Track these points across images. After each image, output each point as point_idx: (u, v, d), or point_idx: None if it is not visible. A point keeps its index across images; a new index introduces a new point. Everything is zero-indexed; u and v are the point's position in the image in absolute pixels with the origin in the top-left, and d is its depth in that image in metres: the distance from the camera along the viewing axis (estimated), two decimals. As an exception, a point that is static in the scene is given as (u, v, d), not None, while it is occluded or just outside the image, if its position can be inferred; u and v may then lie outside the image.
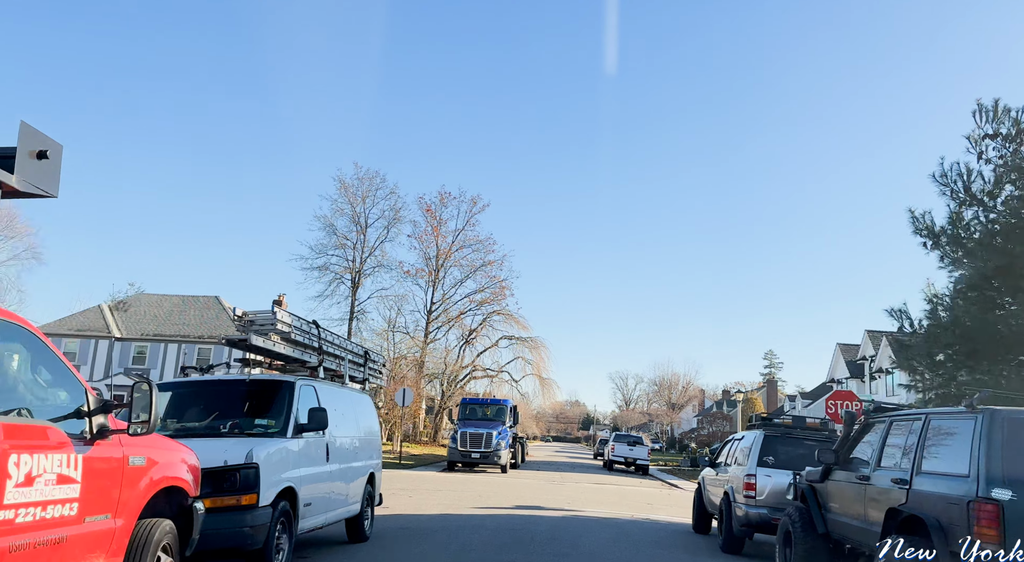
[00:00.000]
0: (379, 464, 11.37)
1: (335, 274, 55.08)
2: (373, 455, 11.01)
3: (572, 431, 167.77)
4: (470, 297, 56.90)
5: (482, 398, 34.39)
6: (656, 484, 31.19)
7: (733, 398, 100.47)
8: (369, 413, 11.32)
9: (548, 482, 25.97)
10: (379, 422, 11.75)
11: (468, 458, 29.88)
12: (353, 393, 10.65)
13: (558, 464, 43.24)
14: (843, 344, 47.95)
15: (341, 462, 9.18)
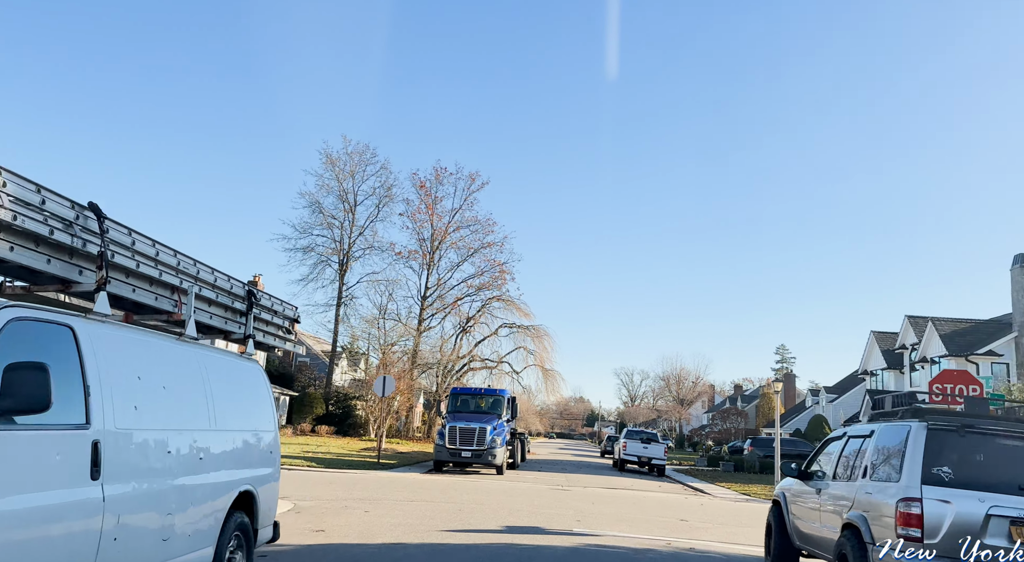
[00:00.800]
0: (269, 475, 6.93)
1: (320, 256, 50.75)
2: (253, 462, 6.55)
3: (576, 428, 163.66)
4: (468, 282, 52.49)
5: (475, 388, 29.96)
6: (678, 488, 26.72)
7: (747, 393, 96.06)
8: (251, 393, 6.87)
9: (551, 487, 21.52)
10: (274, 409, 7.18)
11: (458, 457, 25.46)
12: (211, 355, 6.18)
13: (562, 463, 38.80)
14: (879, 332, 43.36)
15: (144, 479, 4.70)
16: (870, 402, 39.33)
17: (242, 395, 6.58)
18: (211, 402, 5.72)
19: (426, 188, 50.60)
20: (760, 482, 31.25)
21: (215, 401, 5.80)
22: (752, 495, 24.86)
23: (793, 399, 74.15)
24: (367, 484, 18.21)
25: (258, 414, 6.86)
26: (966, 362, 33.85)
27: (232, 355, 6.68)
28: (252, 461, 6.49)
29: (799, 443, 44.06)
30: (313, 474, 21.17)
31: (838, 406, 54.03)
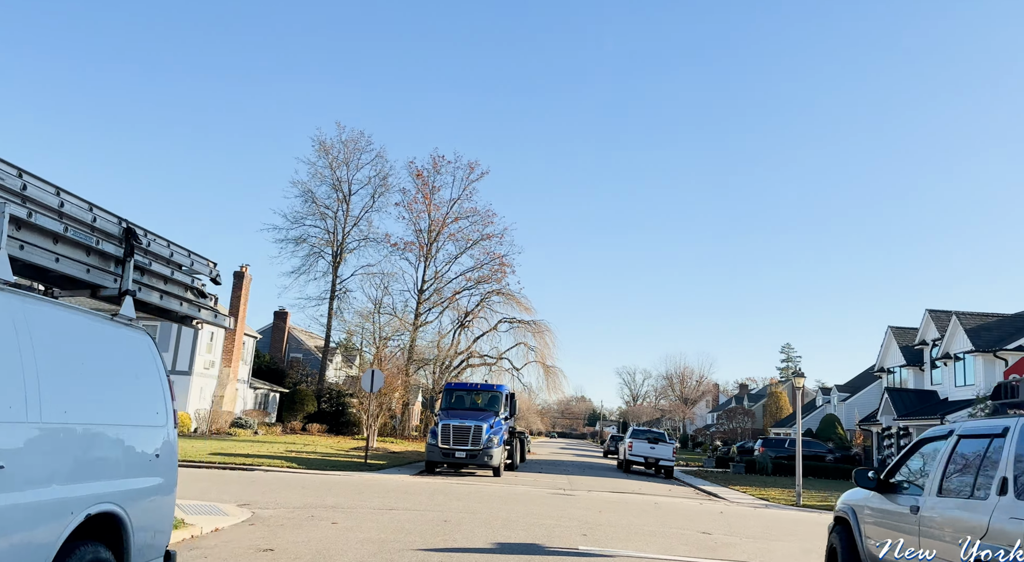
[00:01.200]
0: (155, 489, 4.91)
1: (313, 247, 48.82)
2: (121, 471, 4.55)
3: (578, 427, 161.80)
4: (466, 275, 50.52)
5: (471, 383, 27.97)
6: (689, 492, 24.71)
7: (753, 392, 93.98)
8: (125, 372, 4.85)
9: (552, 491, 19.53)
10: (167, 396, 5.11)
11: (451, 458, 23.49)
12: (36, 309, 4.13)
13: (564, 464, 36.81)
14: (897, 328, 41.28)
15: None
16: (889, 400, 37.30)
17: (105, 374, 4.58)
18: (28, 380, 3.70)
19: (423, 177, 48.65)
20: (775, 485, 29.24)
21: (40, 380, 3.79)
22: (771, 500, 22.87)
23: (802, 398, 72.11)
24: (346, 488, 16.23)
25: (137, 403, 4.86)
26: (994, 358, 31.80)
27: (91, 315, 4.66)
28: (119, 469, 4.49)
29: (812, 443, 42.04)
30: (289, 476, 19.19)
31: (851, 405, 51.95)
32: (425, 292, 49.88)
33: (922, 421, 33.89)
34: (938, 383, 37.02)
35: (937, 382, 37.16)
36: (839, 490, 28.12)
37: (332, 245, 48.86)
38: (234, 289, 38.86)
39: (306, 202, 48.27)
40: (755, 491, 25.67)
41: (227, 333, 38.71)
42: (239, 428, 36.66)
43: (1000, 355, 31.60)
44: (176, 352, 35.82)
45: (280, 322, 52.53)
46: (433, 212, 49.20)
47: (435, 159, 49.30)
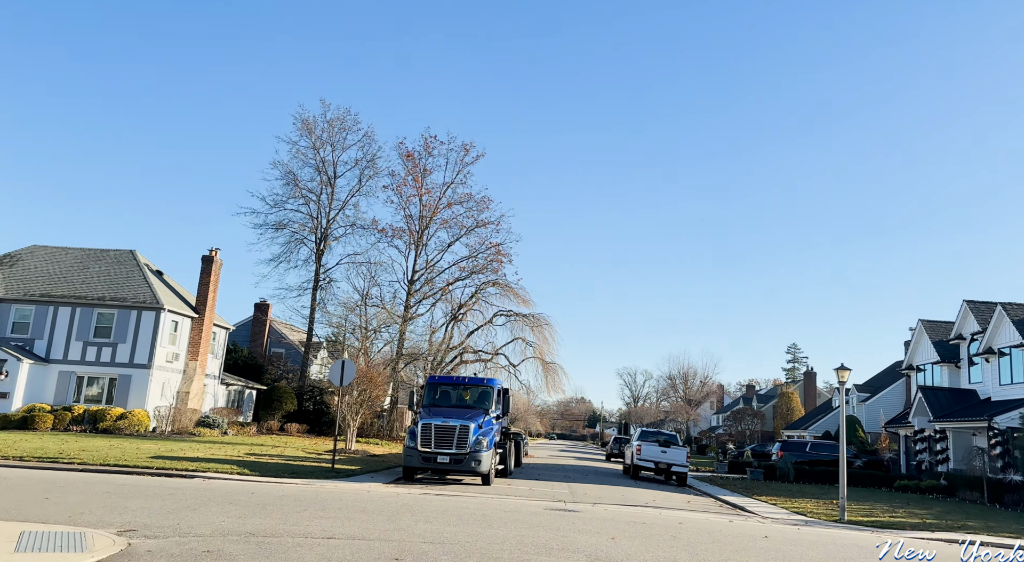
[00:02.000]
0: None
1: (294, 233, 45.33)
2: None
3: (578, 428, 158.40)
4: (460, 265, 47.08)
5: (457, 377, 24.46)
6: (711, 505, 21.23)
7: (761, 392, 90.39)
8: None
9: (551, 505, 16.04)
10: None
11: (432, 463, 20.02)
12: None
13: (564, 469, 33.32)
14: (929, 321, 37.76)
15: None
16: (923, 400, 33.78)
17: None
18: None
19: (413, 159, 45.20)
20: (802, 494, 25.75)
21: None
22: (808, 514, 19.39)
23: (814, 399, 68.60)
24: (287, 505, 12.75)
25: None
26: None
27: None
28: None
29: (834, 446, 38.45)
30: (230, 486, 15.72)
31: (874, 406, 48.43)
32: (416, 283, 46.46)
33: (963, 423, 30.40)
34: (977, 382, 33.50)
35: (976, 380, 33.64)
36: (874, 500, 24.59)
37: (315, 231, 45.41)
38: (202, 275, 35.38)
39: (287, 184, 44.88)
40: (785, 503, 22.19)
41: (194, 323, 35.22)
42: (206, 428, 33.18)
43: (1055, 350, 28.14)
44: (134, 343, 32.35)
45: (261, 315, 49.04)
46: (424, 197, 45.80)
47: (427, 140, 45.98)
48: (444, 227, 46.70)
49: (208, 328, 35.50)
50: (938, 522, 18.94)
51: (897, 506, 23.08)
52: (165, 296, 33.46)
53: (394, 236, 44.75)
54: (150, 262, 36.32)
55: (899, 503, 24.32)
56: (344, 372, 21.46)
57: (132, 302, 32.39)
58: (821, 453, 37.02)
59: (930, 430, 34.00)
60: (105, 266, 34.80)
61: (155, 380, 32.31)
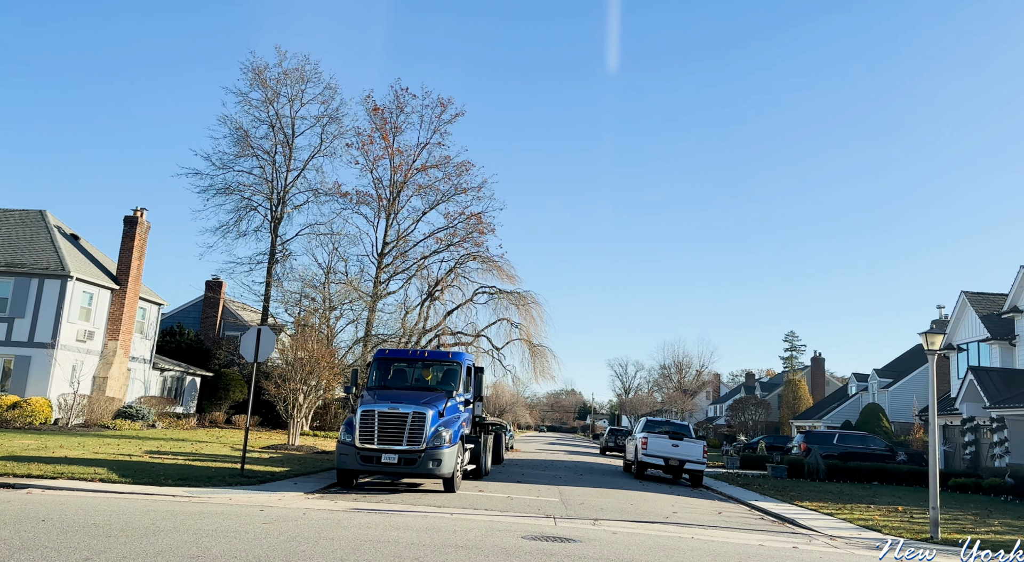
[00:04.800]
0: None
1: (246, 198, 39.76)
2: None
3: (568, 421, 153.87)
4: (436, 236, 41.67)
5: (413, 350, 19.05)
6: (748, 516, 16.05)
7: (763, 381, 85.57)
8: None
9: (534, 531, 10.76)
10: None
11: (374, 464, 14.77)
12: None
13: (554, 466, 28.11)
14: (974, 293, 32.76)
15: None
16: (975, 383, 28.75)
17: None
18: None
19: (382, 114, 39.68)
20: (851, 498, 20.67)
21: None
22: (887, 531, 14.26)
23: (823, 386, 63.78)
24: (86, 537, 7.40)
25: None
26: None
27: None
28: None
29: (869, 439, 33.46)
30: (64, 501, 10.37)
31: (899, 392, 43.54)
32: (387, 256, 41.07)
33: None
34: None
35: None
36: (943, 506, 19.04)
37: (270, 197, 39.86)
38: (124, 239, 29.82)
39: (237, 143, 39.25)
40: (841, 512, 17.05)
41: (115, 296, 29.68)
42: (128, 420, 27.75)
43: None
44: (34, 318, 26.80)
45: (212, 294, 43.53)
46: (396, 158, 40.34)
47: (397, 93, 40.39)
48: (418, 193, 41.36)
49: (132, 302, 29.98)
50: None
51: (980, 514, 17.98)
52: (75, 262, 27.89)
53: (360, 202, 39.33)
54: (63, 224, 30.69)
55: (976, 509, 19.24)
56: (260, 344, 16.10)
57: (32, 269, 26.81)
58: (851, 445, 32.02)
59: (983, 418, 29.02)
60: (6, 228, 29.17)
61: (60, 362, 26.80)
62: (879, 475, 28.37)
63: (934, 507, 13.83)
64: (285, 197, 39.98)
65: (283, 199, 39.93)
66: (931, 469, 14.48)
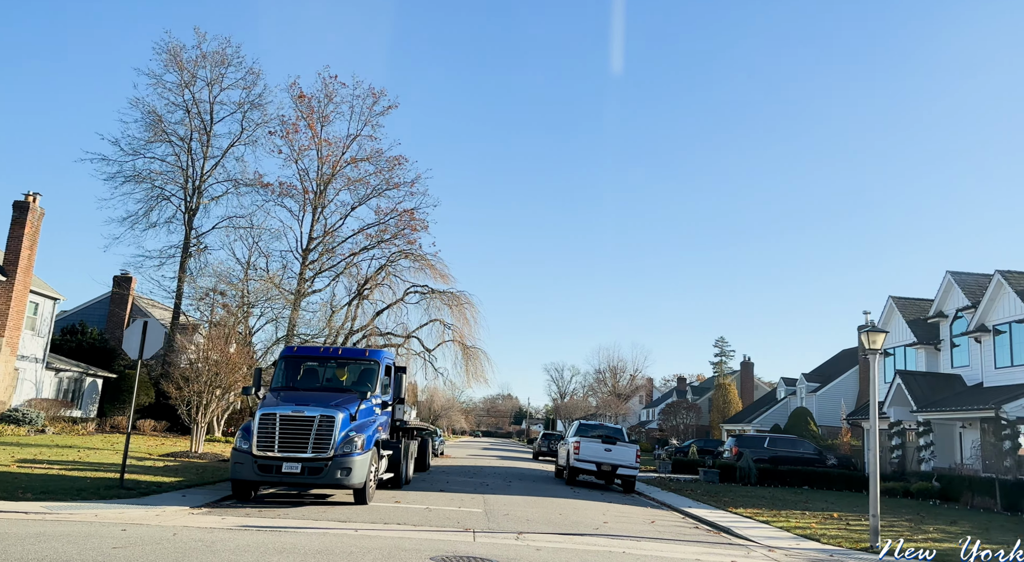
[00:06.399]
0: None
1: (157, 187, 37.11)
2: None
3: (504, 426, 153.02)
4: (366, 232, 39.83)
5: (325, 348, 17.48)
6: (683, 525, 15.08)
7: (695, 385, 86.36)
8: None
9: (447, 552, 9.42)
10: None
11: (274, 474, 13.15)
12: None
13: (484, 473, 26.82)
14: (901, 298, 33.11)
15: None
16: (903, 387, 28.90)
17: None
18: None
19: (308, 101, 37.68)
20: (785, 503, 20.12)
21: None
22: (826, 541, 13.56)
23: (752, 391, 64.48)
24: None
25: None
26: (1064, 326, 23.64)
27: None
28: None
29: (798, 442, 33.35)
30: None
31: (827, 396, 44.01)
32: (312, 252, 39.00)
33: (958, 413, 25.52)
34: (962, 365, 28.91)
35: (961, 364, 29.05)
36: (863, 510, 18.79)
37: (185, 186, 37.32)
38: (13, 226, 27.08)
39: (148, 127, 36.59)
40: (777, 519, 16.33)
41: (1, 289, 26.89)
42: (11, 424, 25.08)
43: (1073, 323, 23.52)
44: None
45: (121, 290, 40.52)
46: (323, 149, 38.38)
47: (326, 81, 38.48)
48: (348, 187, 39.46)
49: (22, 295, 27.24)
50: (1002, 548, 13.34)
51: (915, 520, 17.57)
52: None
53: (283, 194, 37.21)
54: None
55: (909, 514, 18.89)
56: (146, 339, 14.26)
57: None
58: (781, 449, 31.85)
59: (910, 422, 29.22)
60: None
61: (-69, 361, 23.98)
62: (810, 479, 28.18)
63: (874, 514, 13.16)
64: (202, 187, 37.52)
65: (199, 189, 37.46)
66: (871, 475, 13.84)
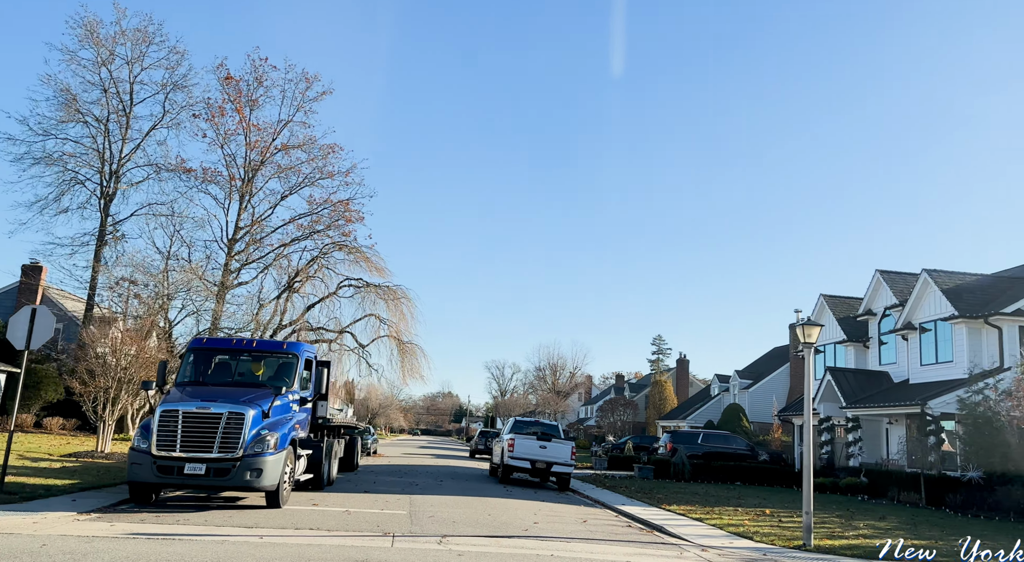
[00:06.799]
0: None
1: (70, 170, 34.79)
2: None
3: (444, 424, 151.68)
4: (298, 222, 38.23)
5: (238, 339, 16.15)
6: (618, 525, 14.58)
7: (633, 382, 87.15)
8: None
9: (357, 559, 8.59)
10: None
11: (175, 476, 12.07)
12: None
13: (416, 472, 25.95)
14: (832, 297, 33.67)
15: None
16: (833, 384, 29.33)
17: None
18: None
19: (236, 84, 35.90)
20: (718, 500, 19.96)
21: None
22: (758, 538, 13.27)
23: (687, 388, 65.27)
24: None
25: None
26: (985, 325, 24.27)
27: None
28: None
29: (731, 438, 33.61)
30: None
31: (759, 393, 44.69)
32: (239, 242, 37.22)
33: (885, 409, 25.96)
34: (889, 363, 29.51)
35: (888, 361, 29.65)
36: (795, 506, 18.66)
37: (101, 170, 35.08)
38: (-100, 206, 24.72)
39: (62, 107, 34.24)
40: (710, 516, 16.03)
41: None
42: None
43: (993, 322, 24.10)
44: None
45: (30, 280, 37.86)
46: (252, 134, 36.62)
47: (255, 63, 36.68)
48: (278, 175, 37.81)
49: (-91, 283, 24.88)
50: (931, 543, 13.32)
51: (845, 516, 17.57)
52: None
53: (208, 180, 35.34)
54: None
55: (839, 510, 18.93)
56: (35, 327, 12.91)
57: None
58: (715, 445, 31.99)
59: (839, 418, 29.69)
60: None
61: None
62: (742, 474, 28.31)
63: (807, 512, 12.90)
64: (119, 171, 35.34)
65: (117, 174, 35.27)
66: (805, 473, 13.62)
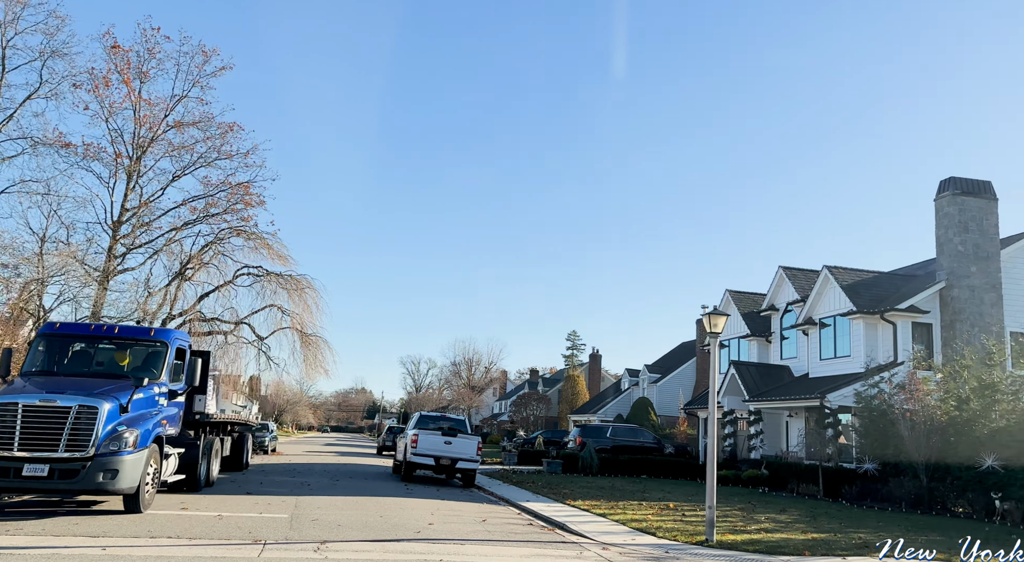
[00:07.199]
0: None
1: (-71, 140, 31.15)
2: None
3: (356, 420, 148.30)
4: (191, 205, 35.66)
5: (97, 325, 14.31)
6: (519, 524, 13.81)
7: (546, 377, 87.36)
8: None
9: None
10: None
11: (11, 479, 10.61)
12: None
13: (313, 471, 24.51)
14: (737, 292, 34.23)
15: None
16: (737, 378, 29.74)
17: None
18: None
19: (124, 53, 33.09)
20: (624, 494, 19.62)
21: None
22: (661, 534, 12.82)
23: (599, 382, 65.78)
24: None
25: None
26: (881, 320, 25.01)
27: None
28: None
29: (639, 432, 33.69)
30: None
31: (667, 387, 45.26)
32: (125, 225, 34.40)
33: (786, 402, 26.45)
34: (790, 357, 30.16)
35: (789, 356, 30.30)
36: (699, 499, 18.56)
37: (-34, 142, 31.58)
38: None
39: (-81, 69, 30.56)
40: (614, 511, 15.55)
41: None
42: None
43: (888, 318, 24.86)
44: None
45: None
46: (141, 109, 33.85)
47: (146, 32, 33.80)
48: (170, 154, 35.03)
49: None
50: (831, 537, 13.25)
51: (746, 509, 17.46)
52: None
53: (90, 156, 32.32)
54: None
55: (740, 503, 18.86)
56: None
57: None
58: (622, 439, 31.96)
59: (742, 411, 30.13)
60: None
61: None
62: (649, 468, 28.31)
63: (710, 506, 12.53)
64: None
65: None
66: (708, 467, 13.25)
